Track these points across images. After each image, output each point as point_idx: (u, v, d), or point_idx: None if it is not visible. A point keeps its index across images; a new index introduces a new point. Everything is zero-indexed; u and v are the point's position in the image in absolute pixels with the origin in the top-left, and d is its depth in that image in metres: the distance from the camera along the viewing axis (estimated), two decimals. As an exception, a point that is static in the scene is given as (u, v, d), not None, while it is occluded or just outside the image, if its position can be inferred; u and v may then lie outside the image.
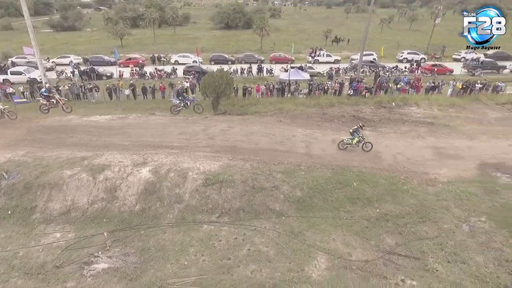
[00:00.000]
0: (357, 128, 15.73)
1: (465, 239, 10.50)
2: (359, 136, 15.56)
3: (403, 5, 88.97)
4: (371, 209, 11.98)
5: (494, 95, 24.11)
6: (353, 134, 15.71)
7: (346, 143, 15.91)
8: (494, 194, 12.76)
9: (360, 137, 15.58)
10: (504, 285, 8.85)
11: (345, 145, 15.92)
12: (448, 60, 37.40)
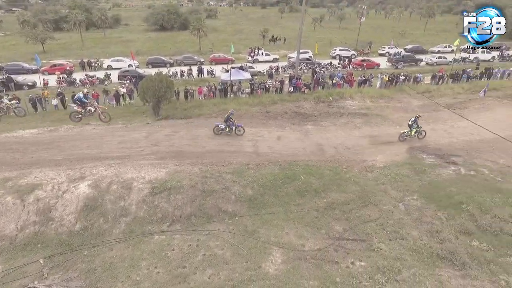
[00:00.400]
0: (415, 119, 17.30)
1: (402, 217, 11.55)
2: (416, 127, 17.25)
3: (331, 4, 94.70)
4: (319, 200, 12.54)
5: (415, 85, 26.87)
6: (411, 126, 17.28)
7: (406, 135, 17.51)
8: (422, 174, 14.24)
9: (417, 127, 17.28)
10: (436, 253, 9.91)
11: (404, 137, 17.51)
12: (374, 55, 40.74)
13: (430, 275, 9.17)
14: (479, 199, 12.23)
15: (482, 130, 16.48)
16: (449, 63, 33.63)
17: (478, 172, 14.32)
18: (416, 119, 17.35)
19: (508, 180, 13.65)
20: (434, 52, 39.83)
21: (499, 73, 29.39)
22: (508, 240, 10.39)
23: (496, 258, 9.68)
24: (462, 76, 28.20)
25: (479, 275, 9.13)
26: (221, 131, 17.45)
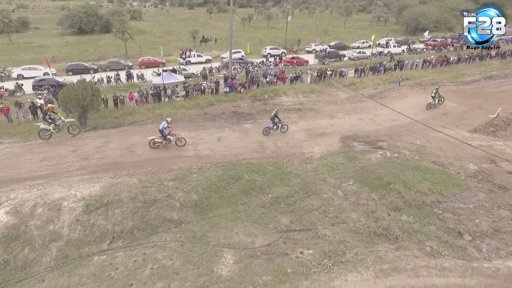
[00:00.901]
0: (436, 90, 21.92)
1: (341, 203, 12.37)
2: (438, 96, 21.95)
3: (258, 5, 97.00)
4: (264, 196, 12.78)
5: (341, 79, 28.97)
6: (434, 97, 21.80)
7: (431, 105, 21.82)
8: (355, 160, 15.41)
9: (439, 97, 21.95)
10: (373, 232, 10.82)
11: (430, 106, 21.81)
12: (302, 52, 42.85)
13: (370, 252, 9.97)
14: (404, 177, 13.67)
15: (401, 116, 18.47)
16: (368, 57, 36.90)
17: (401, 154, 15.98)
18: (437, 90, 22.02)
19: (424, 158, 15.49)
20: (354, 47, 43.35)
21: (409, 64, 33.19)
22: (429, 210, 11.82)
23: (421, 228, 10.94)
24: (379, 69, 31.18)
25: (410, 245, 10.22)
26: (269, 130, 17.94)
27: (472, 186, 13.31)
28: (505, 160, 15.03)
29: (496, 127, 19.83)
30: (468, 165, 14.88)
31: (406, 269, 9.32)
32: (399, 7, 71.15)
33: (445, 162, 15.10)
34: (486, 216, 11.60)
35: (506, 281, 8.98)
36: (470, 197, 12.62)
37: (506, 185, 13.26)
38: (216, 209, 12.08)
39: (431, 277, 9.06)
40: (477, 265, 9.50)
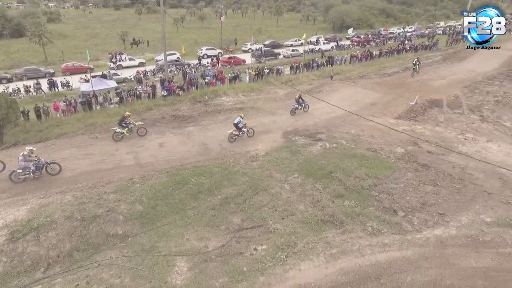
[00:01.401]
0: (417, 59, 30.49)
1: (289, 196, 12.76)
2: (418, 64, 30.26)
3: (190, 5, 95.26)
4: (213, 198, 12.61)
5: (278, 77, 29.88)
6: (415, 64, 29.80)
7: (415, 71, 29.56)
8: (297, 153, 16.01)
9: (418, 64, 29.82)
10: (320, 220, 11.36)
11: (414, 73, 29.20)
12: (239, 52, 43.21)
13: (319, 239, 10.47)
14: (343, 166, 14.60)
15: (336, 108, 19.64)
16: (301, 54, 38.58)
17: (339, 144, 17.03)
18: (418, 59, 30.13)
19: (359, 146, 16.72)
20: (288, 45, 44.99)
21: (338, 59, 35.52)
22: (367, 194, 12.80)
23: (362, 211, 11.80)
24: (313, 65, 32.84)
25: (354, 228, 10.96)
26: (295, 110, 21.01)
27: (401, 167, 14.74)
28: (425, 141, 16.94)
29: (416, 113, 22.22)
30: (396, 148, 16.45)
31: (352, 250, 9.98)
32: (325, 7, 75.81)
33: (377, 148, 16.49)
34: (414, 192, 12.96)
35: (434, 248, 10.14)
36: (400, 177, 13.97)
37: (427, 164, 14.95)
38: (164, 218, 11.59)
39: (375, 254, 9.84)
40: (411, 237, 10.56)
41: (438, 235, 10.65)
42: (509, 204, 12.10)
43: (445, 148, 16.02)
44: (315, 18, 77.93)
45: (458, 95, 25.97)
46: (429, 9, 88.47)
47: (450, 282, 8.93)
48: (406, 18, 77.21)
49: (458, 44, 45.88)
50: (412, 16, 79.05)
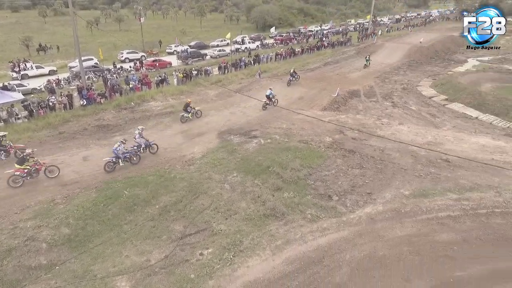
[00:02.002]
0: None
1: (230, 195, 12.73)
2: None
3: (104, 6, 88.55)
4: (151, 209, 11.94)
5: (207, 78, 29.58)
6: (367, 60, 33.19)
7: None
8: (234, 152, 16.07)
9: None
10: (262, 214, 11.55)
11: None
12: (163, 54, 41.62)
13: (263, 233, 10.65)
14: (279, 159, 15.09)
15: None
16: (228, 54, 38.76)
17: (273, 139, 17.54)
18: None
19: (291, 139, 17.46)
20: (214, 46, 44.79)
21: (264, 58, 36.58)
22: (304, 183, 13.44)
23: (301, 200, 12.35)
24: (240, 64, 33.25)
25: (295, 218, 11.40)
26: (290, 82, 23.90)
27: (330, 155, 15.81)
28: (349, 129, 18.44)
29: (338, 104, 24.07)
30: (325, 138, 17.58)
31: (295, 239, 10.38)
32: (247, 7, 77.30)
33: (308, 139, 17.41)
34: (345, 177, 14.01)
35: (366, 224, 11.11)
36: (331, 165, 14.98)
37: (353, 149, 16.30)
38: (97, 237, 10.59)
39: (316, 240, 10.38)
40: (346, 218, 11.40)
41: (368, 212, 11.68)
42: (421, 177, 13.84)
43: (366, 133, 17.64)
44: (239, 18, 79.01)
45: (372, 85, 28.85)
46: (340, 8, 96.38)
47: (382, 253, 9.87)
48: (322, 17, 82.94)
49: (367, 40, 50.89)
50: (327, 15, 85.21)
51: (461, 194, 12.57)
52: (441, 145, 16.71)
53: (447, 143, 17.07)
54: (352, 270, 9.27)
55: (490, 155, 15.64)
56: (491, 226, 10.96)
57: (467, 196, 12.46)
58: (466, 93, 25.01)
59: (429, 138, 17.70)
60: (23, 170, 12.79)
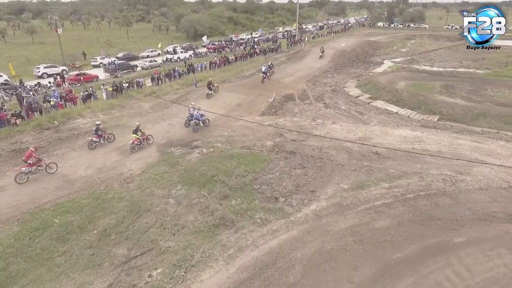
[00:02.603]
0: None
1: (176, 210, 12.21)
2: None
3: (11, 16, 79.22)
4: (88, 235, 10.86)
5: (140, 90, 28.20)
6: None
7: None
8: (177, 165, 15.51)
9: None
10: (212, 225, 11.30)
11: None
12: (88, 67, 38.63)
13: (215, 244, 10.41)
14: (223, 167, 14.96)
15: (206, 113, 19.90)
16: (160, 64, 37.50)
17: (215, 147, 17.36)
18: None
19: (234, 146, 17.48)
20: (144, 57, 42.96)
21: (199, 67, 36.20)
22: (250, 188, 13.51)
23: (249, 206, 12.35)
24: (174, 74, 32.41)
25: (244, 224, 11.35)
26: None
27: (273, 158, 16.19)
28: (288, 131, 19.13)
29: (276, 108, 24.85)
30: (266, 142, 17.96)
31: (247, 245, 10.34)
32: (176, 16, 76.03)
33: (250, 144, 17.61)
34: (288, 178, 14.45)
35: (313, 221, 11.56)
36: (274, 167, 15.33)
37: (294, 150, 16.92)
38: (24, 277, 9.25)
39: (267, 243, 10.46)
40: (294, 218, 11.72)
41: (313, 209, 12.18)
42: (356, 170, 14.91)
43: (305, 133, 18.48)
44: (168, 28, 77.25)
45: (305, 88, 30.43)
46: (268, 17, 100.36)
47: (330, 247, 10.35)
48: (252, 25, 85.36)
49: (296, 46, 53.69)
50: (256, 23, 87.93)
51: (392, 182, 13.84)
52: (370, 139, 18.25)
53: (375, 137, 18.71)
54: (304, 268, 9.53)
55: (411, 144, 17.54)
56: (418, 208, 12.23)
57: (397, 183, 13.76)
58: (386, 91, 27.80)
59: (360, 134, 19.22)
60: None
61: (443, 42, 63.46)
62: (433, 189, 13.29)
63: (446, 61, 44.84)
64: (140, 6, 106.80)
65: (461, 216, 11.73)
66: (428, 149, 16.89)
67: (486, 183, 13.71)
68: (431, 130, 20.39)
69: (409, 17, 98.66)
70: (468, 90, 29.13)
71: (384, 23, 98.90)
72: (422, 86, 30.13)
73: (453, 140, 18.34)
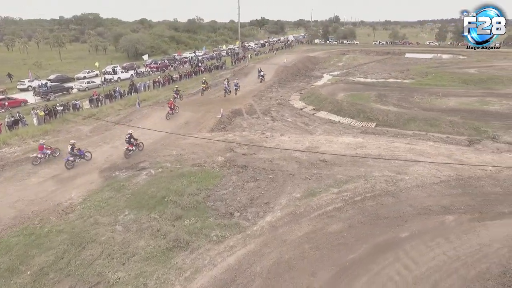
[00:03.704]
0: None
1: (124, 237, 11.34)
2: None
3: None
4: (20, 277, 9.55)
5: (78, 112, 26.28)
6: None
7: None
8: (123, 189, 14.55)
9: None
10: (165, 248, 10.66)
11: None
12: (15, 91, 35.06)
13: (169, 269, 9.82)
14: (174, 187, 14.40)
15: (152, 134, 19.17)
16: (99, 85, 35.51)
17: (164, 167, 16.68)
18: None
19: (184, 164, 16.97)
20: (80, 78, 40.37)
21: (141, 86, 34.99)
22: (204, 206, 13.13)
23: (203, 224, 11.96)
24: (115, 95, 30.87)
25: (200, 243, 10.91)
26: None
27: (225, 173, 16.01)
28: (238, 145, 19.16)
29: (224, 124, 24.81)
30: (217, 158, 17.75)
31: (205, 265, 9.92)
32: (114, 36, 73.15)
33: (201, 162, 17.26)
34: (242, 192, 14.35)
35: (269, 233, 11.54)
36: (227, 183, 15.15)
37: (245, 164, 16.94)
38: None
39: (225, 260, 10.16)
40: (250, 232, 11.59)
41: (269, 221, 12.18)
42: (307, 179, 15.36)
43: (255, 145, 18.65)
44: (106, 48, 73.88)
45: (252, 103, 30.96)
46: (210, 36, 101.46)
47: (288, 256, 10.38)
48: (195, 43, 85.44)
49: (240, 63, 54.80)
50: (199, 42, 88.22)
51: (340, 187, 14.48)
52: (317, 148, 19.03)
53: (322, 145, 19.56)
54: (264, 281, 9.39)
55: (354, 150, 18.64)
56: (366, 209, 12.91)
57: (345, 188, 14.43)
58: (327, 102, 29.42)
59: (307, 143, 19.95)
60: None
61: (373, 56, 69.71)
62: (377, 190, 14.17)
63: (377, 73, 49.13)
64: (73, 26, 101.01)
65: (403, 212, 12.62)
66: (370, 153, 18.09)
67: (422, 180, 15.01)
68: (371, 136, 21.93)
69: (342, 34, 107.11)
70: (398, 98, 32.10)
71: (321, 40, 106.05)
72: (359, 96, 32.49)
73: (390, 144, 19.92)
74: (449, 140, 20.91)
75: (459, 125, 22.95)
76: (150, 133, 19.34)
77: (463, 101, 30.54)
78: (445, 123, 23.28)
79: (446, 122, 23.40)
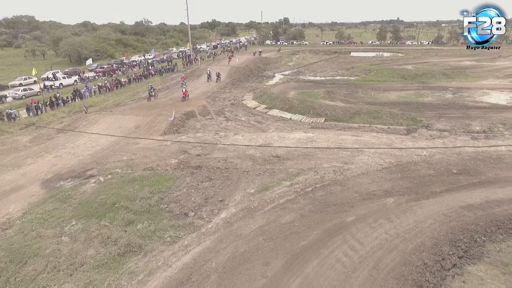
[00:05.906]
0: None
1: (71, 247, 10.77)
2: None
3: None
4: (-49, 302, 8.70)
5: (13, 122, 24.25)
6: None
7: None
8: (69, 199, 13.78)
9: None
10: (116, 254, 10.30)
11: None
12: None
13: (121, 274, 9.54)
14: (125, 193, 13.95)
15: (99, 140, 18.35)
16: (38, 93, 33.00)
17: (114, 173, 16.06)
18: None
19: (135, 169, 16.48)
20: (16, 85, 37.14)
21: (86, 92, 33.15)
22: (157, 209, 12.91)
23: (157, 226, 11.77)
24: (58, 102, 28.94)
25: (153, 246, 10.74)
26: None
27: (179, 175, 15.85)
28: (192, 147, 19.02)
29: (177, 126, 24.44)
30: (171, 160, 17.49)
31: (159, 267, 9.80)
32: (53, 40, 68.22)
33: (153, 165, 16.88)
34: (196, 192, 14.33)
35: (224, 229, 11.69)
36: (181, 184, 15.01)
37: (199, 165, 16.90)
38: None
39: (180, 259, 10.11)
40: (205, 230, 11.64)
41: (224, 217, 12.33)
42: (260, 174, 15.74)
43: (209, 143, 18.65)
44: (44, 53, 68.65)
45: (205, 104, 30.83)
46: (160, 38, 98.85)
47: (243, 249, 10.60)
48: (143, 46, 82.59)
49: (192, 65, 54.15)
50: (148, 45, 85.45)
51: (292, 180, 15.06)
52: (270, 145, 19.55)
53: (275, 142, 20.13)
54: (219, 275, 9.52)
55: (305, 144, 19.45)
56: (317, 198, 13.59)
57: (296, 180, 15.03)
58: (279, 100, 30.25)
59: (260, 141, 20.40)
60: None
61: (321, 56, 72.77)
62: (327, 180, 14.97)
63: (325, 71, 51.46)
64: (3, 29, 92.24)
65: (350, 199, 13.48)
66: (319, 146, 19.00)
67: (366, 168, 16.13)
68: (320, 130, 23.00)
69: (292, 35, 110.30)
70: (345, 93, 33.96)
71: (272, 41, 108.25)
72: (309, 94, 33.82)
73: (338, 137, 21.08)
74: (390, 130, 22.65)
75: (398, 116, 24.93)
76: (97, 140, 18.48)
77: (401, 94, 33.16)
78: (386, 115, 25.14)
79: (387, 114, 25.28)
